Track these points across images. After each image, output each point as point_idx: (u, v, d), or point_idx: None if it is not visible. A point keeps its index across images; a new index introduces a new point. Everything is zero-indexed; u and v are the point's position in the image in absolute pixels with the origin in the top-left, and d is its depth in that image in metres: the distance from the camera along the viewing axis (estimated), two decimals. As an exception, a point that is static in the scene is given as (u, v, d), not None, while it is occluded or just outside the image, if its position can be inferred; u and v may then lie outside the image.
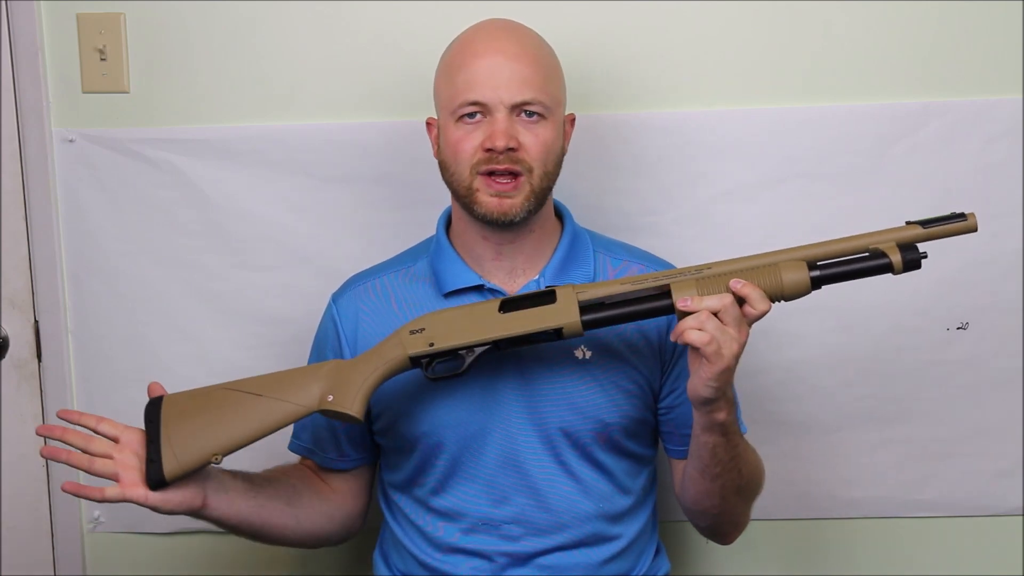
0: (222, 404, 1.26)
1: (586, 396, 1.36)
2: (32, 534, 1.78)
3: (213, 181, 1.68)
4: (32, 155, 1.70)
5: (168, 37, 1.67)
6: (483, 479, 1.37)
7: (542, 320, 1.24)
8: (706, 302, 1.20)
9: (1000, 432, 1.68)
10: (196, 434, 1.23)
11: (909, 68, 1.62)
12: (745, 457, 1.35)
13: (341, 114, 1.67)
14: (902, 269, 1.21)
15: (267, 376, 1.29)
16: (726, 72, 1.64)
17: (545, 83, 1.33)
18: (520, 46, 1.34)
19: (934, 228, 1.21)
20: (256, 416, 1.25)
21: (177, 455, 1.22)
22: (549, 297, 1.25)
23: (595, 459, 1.38)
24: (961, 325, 1.66)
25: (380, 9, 1.65)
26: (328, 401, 1.26)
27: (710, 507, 1.39)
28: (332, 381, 1.27)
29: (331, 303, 1.46)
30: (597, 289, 1.26)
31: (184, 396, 1.28)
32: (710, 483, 1.34)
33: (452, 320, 1.27)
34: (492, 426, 1.36)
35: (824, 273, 1.21)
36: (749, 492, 1.40)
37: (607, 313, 1.24)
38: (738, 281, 1.21)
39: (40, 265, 1.72)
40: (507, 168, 1.31)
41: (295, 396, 1.26)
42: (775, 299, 1.22)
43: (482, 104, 1.31)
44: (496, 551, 1.38)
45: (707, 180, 1.65)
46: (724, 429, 1.28)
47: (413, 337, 1.27)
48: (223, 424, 1.24)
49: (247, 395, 1.26)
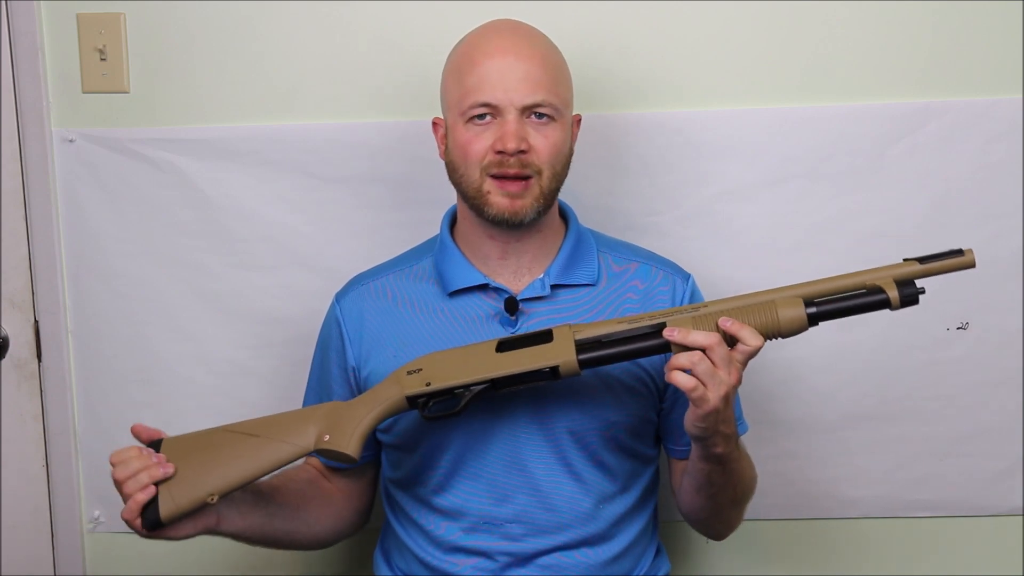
0: (220, 446, 1.27)
1: (593, 396, 1.36)
2: (32, 534, 1.78)
3: (213, 181, 1.68)
4: (32, 155, 1.70)
5: (168, 37, 1.67)
6: (485, 478, 1.37)
7: (538, 359, 1.24)
8: (692, 335, 1.19)
9: (1000, 432, 1.68)
10: (192, 476, 1.24)
11: (909, 68, 1.62)
12: (740, 475, 1.36)
13: (341, 114, 1.67)
14: (899, 305, 1.21)
15: (265, 417, 1.31)
16: (726, 72, 1.64)
17: (555, 84, 1.33)
18: (531, 47, 1.33)
19: (931, 264, 1.21)
20: (252, 457, 1.26)
21: (174, 497, 1.23)
22: (546, 337, 1.26)
23: (599, 459, 1.38)
24: (961, 325, 1.66)
25: (380, 9, 1.65)
26: (324, 441, 1.27)
27: (704, 516, 1.42)
28: (329, 422, 1.28)
29: (334, 303, 1.46)
30: (595, 328, 1.25)
31: (183, 439, 1.28)
32: (705, 500, 1.37)
33: (449, 360, 1.27)
34: (497, 425, 1.36)
35: (821, 310, 1.22)
36: (743, 501, 1.42)
37: (604, 352, 1.24)
38: (727, 320, 1.20)
39: (40, 265, 1.72)
40: (517, 172, 1.31)
41: (292, 437, 1.27)
42: (772, 336, 1.22)
43: (493, 106, 1.31)
44: (497, 550, 1.38)
45: (707, 180, 1.65)
46: (720, 459, 1.29)
47: (410, 377, 1.27)
48: (219, 465, 1.25)
49: (244, 436, 1.27)
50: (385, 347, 1.40)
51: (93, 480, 1.77)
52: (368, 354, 1.41)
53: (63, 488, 1.77)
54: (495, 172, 1.32)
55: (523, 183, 1.32)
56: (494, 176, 1.32)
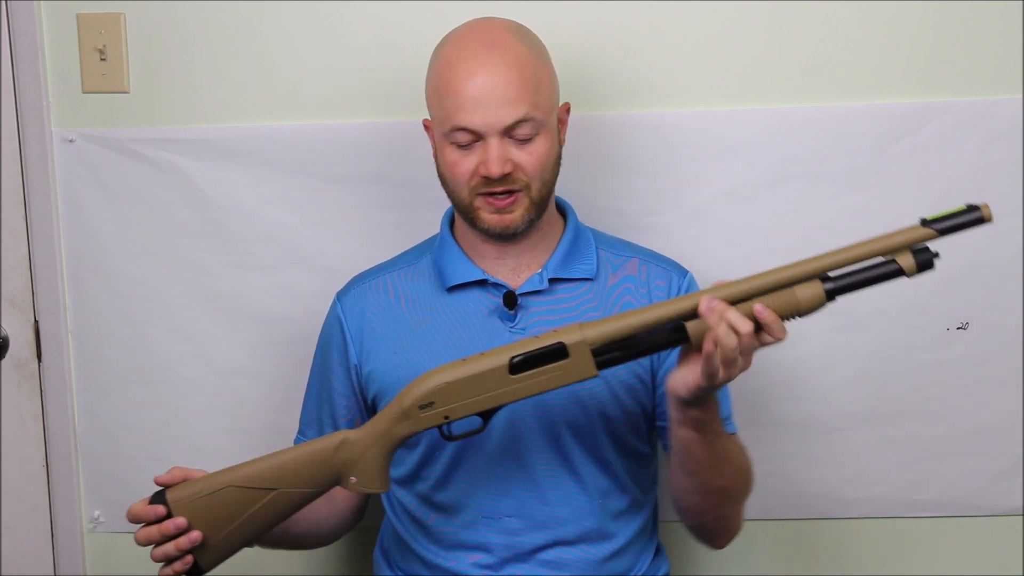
0: (236, 508, 1.24)
1: (592, 393, 1.36)
2: (32, 534, 1.78)
3: (213, 181, 1.68)
4: (32, 155, 1.70)
5: (168, 37, 1.67)
6: (484, 472, 1.38)
7: (559, 380, 1.22)
8: (731, 314, 1.16)
9: (1000, 432, 1.68)
10: (219, 545, 1.24)
11: (909, 68, 1.62)
12: (728, 458, 1.33)
13: (341, 114, 1.67)
14: (915, 271, 1.18)
15: (273, 461, 1.26)
16: (726, 72, 1.64)
17: (534, 94, 1.30)
18: (503, 62, 1.30)
19: (947, 224, 1.17)
20: (274, 510, 1.25)
21: (208, 560, 1.24)
22: (561, 353, 1.21)
23: (598, 455, 1.38)
24: (961, 325, 1.66)
25: (380, 9, 1.65)
26: (352, 483, 1.25)
27: (692, 505, 1.37)
28: (345, 461, 1.25)
29: (336, 302, 1.46)
30: (606, 327, 1.21)
31: (191, 505, 1.23)
32: (687, 479, 1.32)
33: (461, 389, 1.22)
34: (497, 420, 1.35)
35: (838, 284, 1.20)
36: (734, 494, 1.38)
37: (620, 354, 1.22)
38: (763, 307, 1.17)
39: (40, 265, 1.72)
40: (505, 190, 1.31)
41: (311, 482, 1.25)
42: (791, 316, 1.20)
43: (473, 131, 1.30)
44: (497, 544, 1.38)
45: (707, 180, 1.65)
46: (698, 425, 1.25)
47: (424, 414, 1.23)
48: (243, 527, 1.24)
49: (259, 491, 1.24)
50: (385, 345, 1.41)
51: (93, 480, 1.77)
52: (369, 352, 1.42)
53: (63, 488, 1.77)
54: (482, 191, 1.32)
55: (511, 197, 1.32)
56: (482, 194, 1.32)
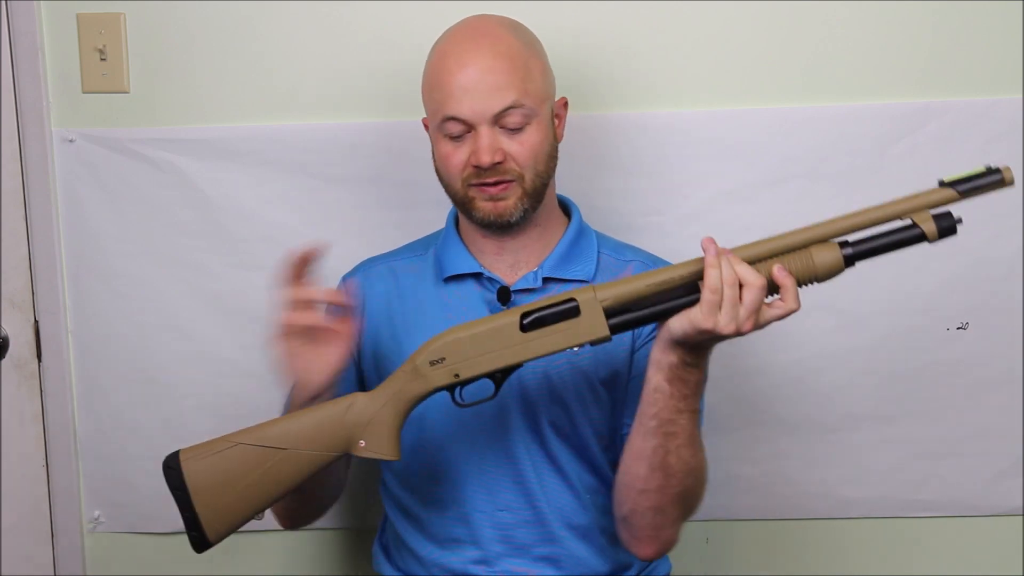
0: (246, 466, 1.24)
1: (575, 392, 1.37)
2: (32, 534, 1.78)
3: (213, 181, 1.68)
4: (32, 155, 1.70)
5: (168, 37, 1.67)
6: (476, 468, 1.38)
7: (569, 339, 1.21)
8: (741, 266, 1.15)
9: (1000, 432, 1.68)
10: (230, 505, 1.24)
11: (909, 68, 1.62)
12: (685, 438, 1.26)
13: (341, 114, 1.67)
14: (936, 237, 1.16)
15: (283, 421, 1.27)
16: (726, 72, 1.64)
17: (524, 84, 1.31)
18: (492, 53, 1.31)
19: (968, 186, 1.15)
20: (285, 472, 1.24)
21: (217, 529, 1.24)
22: (572, 311, 1.20)
23: (582, 453, 1.39)
24: (961, 325, 1.66)
25: (380, 9, 1.65)
26: (361, 447, 1.25)
27: (633, 479, 1.30)
28: (356, 424, 1.25)
29: (340, 282, 1.48)
30: (618, 289, 1.20)
31: (203, 463, 1.24)
32: (640, 441, 1.27)
33: (472, 345, 1.22)
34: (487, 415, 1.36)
35: (857, 250, 1.18)
36: (680, 488, 1.29)
37: (632, 316, 1.20)
38: (782, 269, 1.16)
39: (40, 265, 1.72)
40: (497, 180, 1.32)
41: (321, 444, 1.25)
42: (808, 282, 1.18)
43: (463, 121, 1.31)
44: (491, 539, 1.39)
45: (707, 180, 1.65)
46: (672, 374, 1.22)
47: (435, 369, 1.23)
48: (254, 485, 1.24)
49: (271, 451, 1.24)
50: (383, 329, 1.42)
51: (93, 480, 1.77)
52: (367, 332, 1.42)
53: (63, 488, 1.77)
54: (475, 182, 1.33)
55: (504, 185, 1.32)
56: (476, 184, 1.33)
